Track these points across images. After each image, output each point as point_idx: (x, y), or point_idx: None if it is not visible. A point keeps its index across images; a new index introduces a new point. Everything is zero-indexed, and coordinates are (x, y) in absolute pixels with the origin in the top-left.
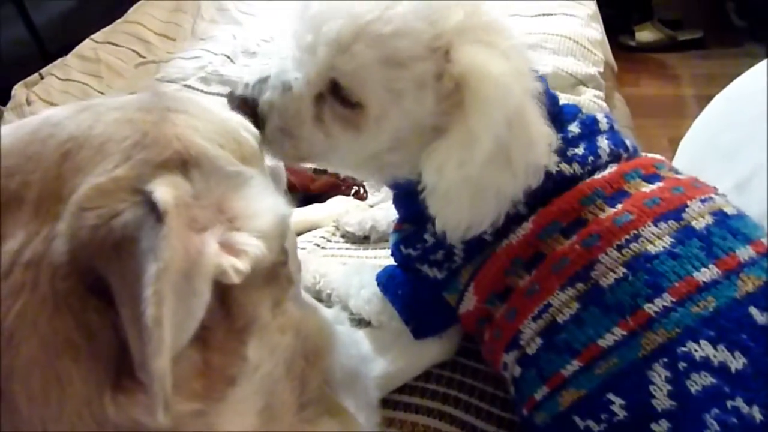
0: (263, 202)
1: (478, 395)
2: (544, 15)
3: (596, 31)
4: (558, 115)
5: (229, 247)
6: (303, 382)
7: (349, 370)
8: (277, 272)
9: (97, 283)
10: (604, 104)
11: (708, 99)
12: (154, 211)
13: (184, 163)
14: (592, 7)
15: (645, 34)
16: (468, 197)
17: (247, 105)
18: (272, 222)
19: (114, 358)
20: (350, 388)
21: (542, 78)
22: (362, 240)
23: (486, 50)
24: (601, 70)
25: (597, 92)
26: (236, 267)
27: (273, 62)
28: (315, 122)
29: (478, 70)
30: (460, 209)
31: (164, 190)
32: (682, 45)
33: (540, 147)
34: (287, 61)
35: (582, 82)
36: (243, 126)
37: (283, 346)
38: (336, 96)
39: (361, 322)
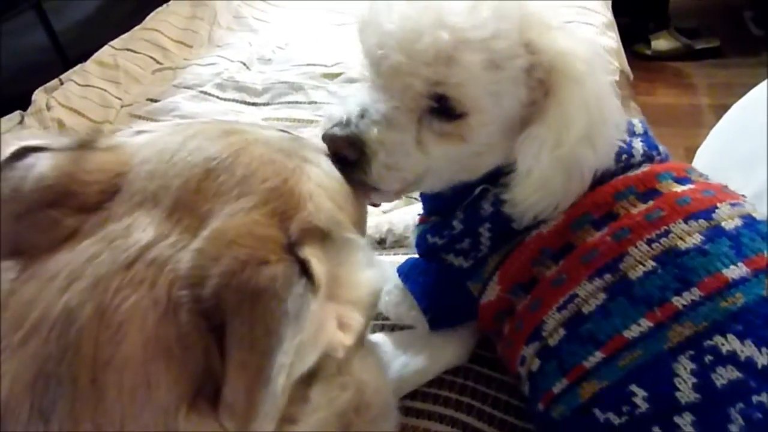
0: (365, 273)
1: (491, 403)
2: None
3: (612, 40)
4: None
5: (339, 321)
6: (348, 428)
7: (386, 398)
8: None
9: (212, 310)
10: None
11: (725, 108)
12: (303, 277)
13: (323, 236)
14: (608, 16)
15: (661, 43)
16: (560, 179)
17: (353, 146)
18: (370, 294)
19: (197, 378)
20: (385, 415)
21: None
22: (378, 243)
23: (563, 34)
24: (617, 78)
25: None
26: (344, 344)
27: (358, 93)
28: (417, 147)
29: (565, 53)
30: (552, 192)
31: (317, 264)
32: (699, 54)
33: (617, 123)
34: (373, 89)
35: None
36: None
37: (340, 401)
38: (436, 113)
39: (375, 327)
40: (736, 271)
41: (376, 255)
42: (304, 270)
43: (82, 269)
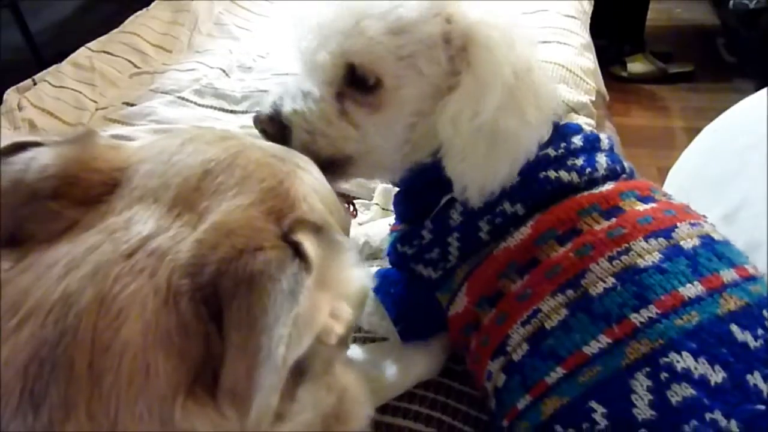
0: (353, 272)
1: (461, 418)
2: (538, 43)
3: (589, 61)
4: (562, 127)
5: (331, 311)
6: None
7: (365, 412)
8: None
9: (210, 297)
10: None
11: (697, 131)
12: (296, 259)
13: (317, 228)
14: (586, 37)
15: (637, 66)
16: (484, 148)
17: (273, 121)
18: (359, 291)
19: (196, 365)
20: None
21: None
22: None
23: (479, 7)
24: (593, 98)
25: (588, 120)
26: (337, 331)
27: (288, 79)
28: (341, 117)
29: (481, 23)
30: (477, 162)
31: (310, 246)
32: (673, 78)
33: (547, 96)
34: (300, 74)
35: (574, 109)
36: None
37: (325, 403)
38: (354, 85)
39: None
40: (692, 290)
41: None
42: (298, 253)
43: (81, 258)
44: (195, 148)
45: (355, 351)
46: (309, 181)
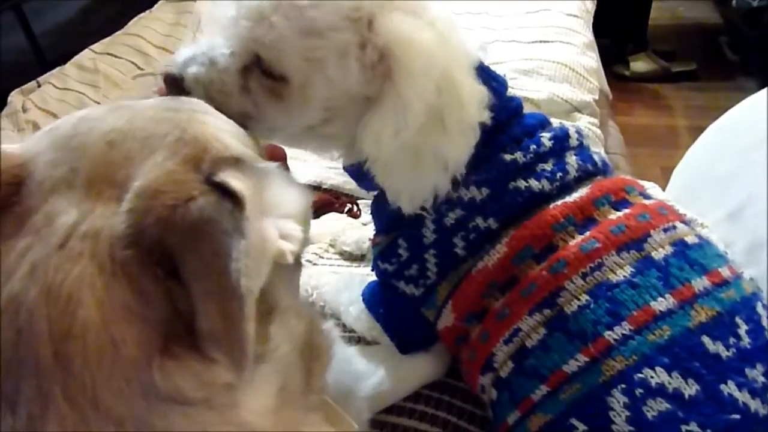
0: (289, 191)
1: (467, 418)
2: (541, 42)
3: (592, 60)
4: (526, 120)
5: (280, 233)
6: (309, 372)
7: (341, 387)
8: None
9: (161, 257)
10: (598, 131)
11: (700, 130)
12: (227, 198)
13: (236, 162)
14: (589, 36)
15: (639, 65)
16: (409, 163)
17: (176, 82)
18: (301, 207)
19: (164, 324)
20: (342, 405)
21: (498, 79)
22: (359, 258)
23: (408, 19)
24: (596, 97)
25: (592, 119)
26: (291, 249)
27: (203, 41)
28: (242, 93)
29: (402, 39)
30: (403, 176)
31: (236, 182)
32: (676, 76)
33: (472, 106)
34: (217, 38)
35: (577, 108)
36: None
37: (298, 332)
38: (261, 68)
39: (351, 339)
40: (663, 303)
41: (353, 267)
42: (226, 191)
43: (15, 263)
44: (89, 127)
45: (360, 353)
46: (211, 122)
